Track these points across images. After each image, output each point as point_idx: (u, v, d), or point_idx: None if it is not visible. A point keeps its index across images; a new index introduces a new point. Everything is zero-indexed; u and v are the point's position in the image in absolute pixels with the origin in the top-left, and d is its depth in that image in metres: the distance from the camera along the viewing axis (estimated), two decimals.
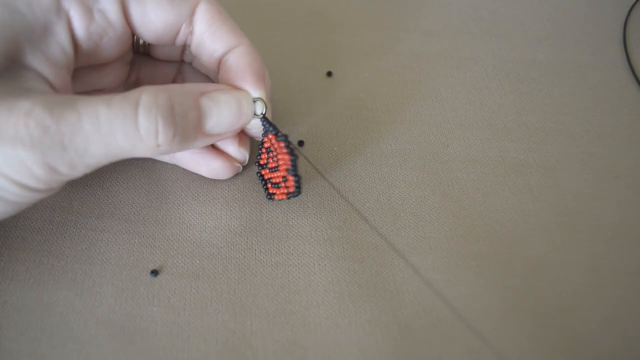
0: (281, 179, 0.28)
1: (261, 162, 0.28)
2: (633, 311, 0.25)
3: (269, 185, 0.29)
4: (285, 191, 0.27)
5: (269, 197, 0.29)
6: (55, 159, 0.20)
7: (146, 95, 0.22)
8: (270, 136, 0.27)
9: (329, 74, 0.36)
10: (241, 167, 0.30)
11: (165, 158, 0.30)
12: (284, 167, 0.26)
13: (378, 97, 0.35)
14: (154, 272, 0.26)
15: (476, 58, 0.38)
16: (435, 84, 0.36)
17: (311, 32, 0.40)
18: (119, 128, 0.21)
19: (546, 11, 0.42)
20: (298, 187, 0.26)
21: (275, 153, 0.27)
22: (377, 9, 0.42)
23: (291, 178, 0.26)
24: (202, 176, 0.30)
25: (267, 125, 0.27)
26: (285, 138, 0.26)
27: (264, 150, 0.28)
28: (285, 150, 0.26)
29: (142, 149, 0.22)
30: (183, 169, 0.30)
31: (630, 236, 0.28)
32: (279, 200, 0.29)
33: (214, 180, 0.30)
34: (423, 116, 0.34)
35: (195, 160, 0.29)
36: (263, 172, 0.29)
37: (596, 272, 0.27)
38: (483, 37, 0.40)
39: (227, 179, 0.30)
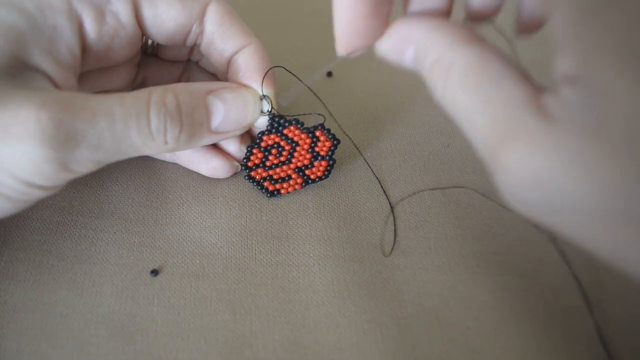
0: (292, 171, 0.29)
1: (250, 164, 0.28)
2: (633, 311, 0.25)
3: (268, 184, 0.29)
4: (300, 181, 0.29)
5: (270, 195, 0.29)
6: (67, 155, 0.20)
7: (156, 95, 0.23)
8: (291, 128, 0.28)
9: (329, 74, 0.36)
10: (239, 167, 0.30)
11: (166, 156, 0.30)
12: (309, 154, 0.28)
13: (378, 97, 0.35)
14: (154, 272, 0.26)
15: None
16: None
17: (311, 31, 0.40)
18: (133, 126, 0.22)
19: None
20: (329, 171, 0.29)
21: (291, 146, 0.28)
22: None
23: (323, 163, 0.28)
24: (201, 176, 0.30)
25: (282, 120, 0.27)
26: (322, 125, 0.28)
27: (256, 151, 0.28)
28: (328, 137, 0.28)
29: (152, 147, 0.23)
30: (183, 168, 0.30)
31: None
32: (285, 194, 0.29)
33: (214, 180, 0.30)
34: (423, 116, 0.34)
35: (195, 159, 0.29)
36: (254, 174, 0.29)
37: (596, 272, 0.27)
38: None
39: (226, 179, 0.30)
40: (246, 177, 0.29)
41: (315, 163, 0.29)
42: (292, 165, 0.29)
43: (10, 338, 0.23)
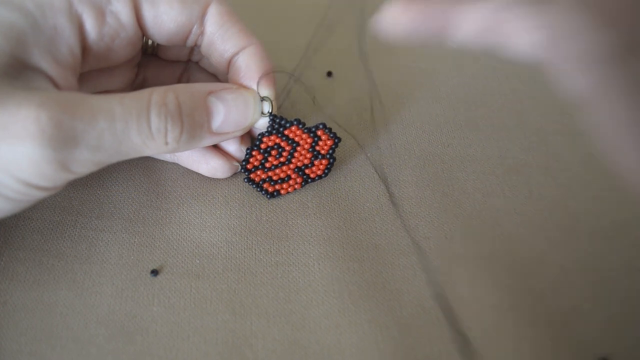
0: (292, 171, 0.29)
1: (249, 166, 0.28)
2: (633, 311, 0.25)
3: (267, 185, 0.29)
4: (300, 180, 0.29)
5: (270, 196, 0.29)
6: (67, 155, 0.20)
7: (156, 95, 0.23)
8: (293, 129, 0.28)
9: (329, 74, 0.36)
10: (239, 167, 0.30)
11: (166, 156, 0.30)
12: (309, 154, 0.28)
13: (378, 97, 0.35)
14: (154, 272, 0.26)
15: (476, 58, 0.38)
16: (435, 84, 0.36)
17: (311, 32, 0.40)
18: (134, 126, 0.22)
19: None
20: (329, 170, 0.29)
21: (292, 146, 0.28)
22: (377, 9, 0.42)
23: (324, 162, 0.29)
24: (202, 175, 0.30)
25: (283, 121, 0.27)
26: (324, 125, 0.28)
27: (255, 153, 0.28)
28: (330, 136, 0.28)
29: (152, 147, 0.23)
30: (183, 168, 0.30)
31: (630, 236, 0.28)
32: (285, 194, 0.29)
33: (214, 180, 0.30)
34: (423, 116, 0.34)
35: (195, 159, 0.29)
36: (253, 176, 0.29)
37: (596, 272, 0.27)
38: None
39: (226, 179, 0.30)
40: (245, 180, 0.29)
41: (316, 162, 0.29)
42: (291, 166, 0.29)
43: (10, 338, 0.23)
